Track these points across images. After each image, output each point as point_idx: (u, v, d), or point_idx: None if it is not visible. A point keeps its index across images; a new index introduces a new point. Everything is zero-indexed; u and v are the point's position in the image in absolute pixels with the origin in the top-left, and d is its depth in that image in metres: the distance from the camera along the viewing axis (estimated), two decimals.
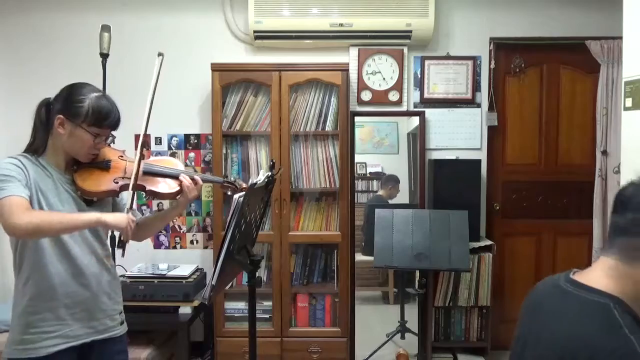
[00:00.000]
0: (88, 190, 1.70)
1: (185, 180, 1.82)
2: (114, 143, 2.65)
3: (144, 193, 1.85)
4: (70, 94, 1.67)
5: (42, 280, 1.63)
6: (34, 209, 1.59)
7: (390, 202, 3.83)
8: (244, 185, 1.96)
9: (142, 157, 1.76)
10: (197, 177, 1.87)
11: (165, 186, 1.84)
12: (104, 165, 1.75)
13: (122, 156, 1.83)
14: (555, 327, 1.08)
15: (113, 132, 1.77)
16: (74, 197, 1.70)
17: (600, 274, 1.08)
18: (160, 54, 1.81)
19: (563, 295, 1.10)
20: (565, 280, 1.13)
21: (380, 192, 3.88)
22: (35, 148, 1.68)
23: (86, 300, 1.70)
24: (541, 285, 1.20)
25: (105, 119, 1.68)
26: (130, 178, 1.73)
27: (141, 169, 1.77)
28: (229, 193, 1.98)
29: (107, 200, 1.83)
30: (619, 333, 0.96)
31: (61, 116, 1.64)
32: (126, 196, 1.84)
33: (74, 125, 1.65)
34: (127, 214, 1.66)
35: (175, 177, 1.84)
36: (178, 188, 1.83)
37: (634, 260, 1.05)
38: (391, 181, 3.84)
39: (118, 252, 1.67)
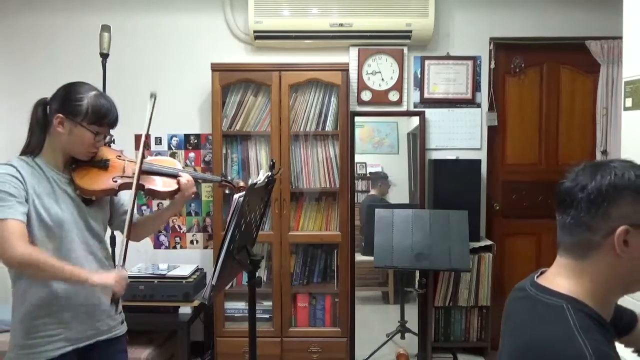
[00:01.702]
0: (87, 189, 1.70)
1: (183, 178, 1.82)
2: (114, 143, 2.66)
3: (143, 192, 1.86)
4: (69, 93, 1.67)
5: (42, 287, 1.62)
6: (29, 215, 1.58)
7: (384, 198, 3.82)
8: (242, 183, 1.96)
9: (143, 157, 1.76)
10: (194, 175, 1.87)
11: (164, 185, 1.84)
12: (103, 164, 1.76)
13: (120, 156, 1.83)
14: (519, 333, 1.07)
15: (112, 132, 1.77)
16: (72, 197, 1.69)
17: (557, 275, 1.07)
18: (152, 95, 1.78)
19: (527, 300, 1.09)
20: (530, 284, 1.12)
21: (373, 192, 3.88)
22: (32, 149, 1.68)
23: (87, 301, 1.70)
24: (515, 289, 1.19)
25: (104, 117, 1.68)
26: (129, 177, 1.74)
27: (139, 167, 1.77)
28: (227, 192, 1.99)
29: (105, 200, 1.82)
30: (571, 334, 0.95)
31: (60, 115, 1.64)
32: (123, 195, 1.84)
33: (73, 123, 1.64)
34: (119, 270, 1.64)
35: (173, 175, 1.85)
36: (176, 187, 1.84)
37: (586, 256, 1.03)
38: (379, 179, 3.84)
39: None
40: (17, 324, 1.65)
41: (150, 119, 1.78)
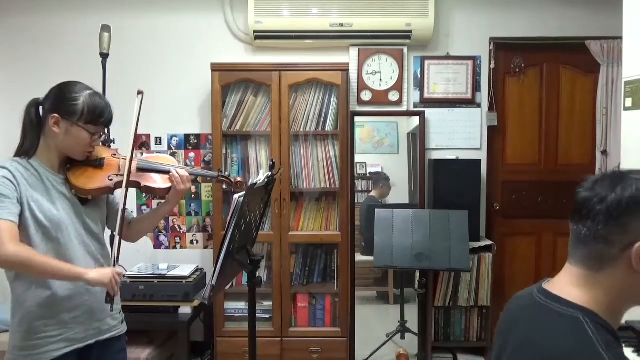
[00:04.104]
0: (82, 188, 1.70)
1: (175, 173, 1.80)
2: (113, 143, 2.66)
3: (139, 190, 1.84)
4: (63, 93, 1.65)
5: (43, 289, 1.62)
6: (25, 217, 1.58)
7: (383, 201, 3.82)
8: (239, 179, 1.95)
9: (133, 154, 1.75)
10: (191, 171, 1.86)
11: (160, 182, 1.83)
12: (98, 163, 1.75)
13: (115, 154, 1.82)
14: (530, 342, 1.04)
15: (112, 132, 1.77)
16: (68, 197, 1.69)
17: (569, 284, 1.05)
18: (139, 92, 1.78)
19: (536, 308, 1.07)
20: (538, 291, 1.10)
21: (373, 193, 3.87)
22: (26, 150, 1.67)
23: (87, 302, 1.70)
24: (517, 296, 1.17)
25: (100, 116, 1.67)
26: (124, 175, 1.73)
27: (134, 165, 1.76)
28: (225, 187, 1.98)
29: (101, 199, 1.82)
30: (594, 351, 0.93)
31: (56, 115, 1.63)
32: (120, 194, 1.83)
33: (69, 123, 1.64)
34: (114, 266, 1.64)
35: (168, 172, 1.83)
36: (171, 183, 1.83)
37: (600, 269, 1.02)
38: (381, 180, 3.84)
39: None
40: (16, 325, 1.64)
41: (139, 116, 1.77)
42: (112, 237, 2.76)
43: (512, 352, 1.09)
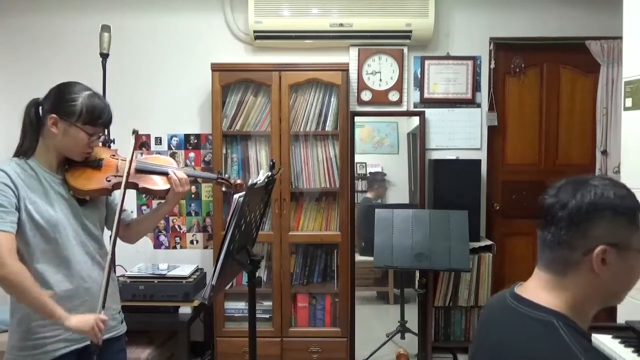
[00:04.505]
0: (80, 189, 1.69)
1: (173, 176, 1.79)
2: (113, 143, 2.66)
3: (138, 191, 1.84)
4: (62, 93, 1.65)
5: (42, 288, 1.60)
6: (22, 219, 1.57)
7: (380, 201, 3.81)
8: (239, 181, 1.94)
9: (132, 160, 1.75)
10: (189, 173, 1.85)
11: (159, 183, 1.82)
12: (96, 164, 1.75)
13: (114, 155, 1.82)
14: (505, 347, 1.05)
15: (111, 133, 1.76)
16: (66, 198, 1.68)
17: (539, 289, 1.07)
18: (134, 132, 1.77)
19: (509, 312, 1.09)
20: (510, 295, 1.12)
21: (368, 195, 3.86)
22: (25, 150, 1.66)
23: (86, 302, 1.69)
24: (491, 300, 1.18)
25: (99, 117, 1.66)
26: (122, 176, 1.72)
27: (133, 166, 1.76)
28: (224, 189, 1.97)
29: (100, 200, 1.81)
30: (572, 355, 0.94)
31: (54, 115, 1.63)
32: (118, 195, 1.83)
33: (67, 124, 1.63)
34: (99, 313, 1.61)
35: (167, 173, 1.82)
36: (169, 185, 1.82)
37: (565, 273, 1.04)
38: (375, 181, 3.83)
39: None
40: (15, 325, 1.64)
41: (133, 154, 1.75)
42: (111, 238, 2.78)
43: (487, 357, 1.10)
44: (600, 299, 1.06)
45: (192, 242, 3.60)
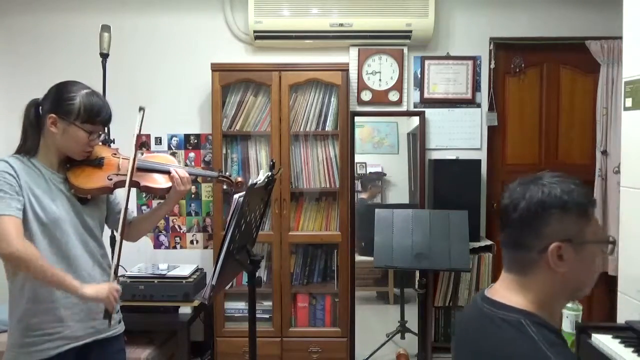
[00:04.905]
0: (82, 188, 1.70)
1: (175, 174, 1.80)
2: (113, 143, 2.66)
3: (139, 189, 1.84)
4: (60, 93, 1.65)
5: (39, 284, 1.61)
6: (26, 212, 1.58)
7: (374, 202, 3.80)
8: (240, 179, 1.95)
9: (135, 155, 1.75)
10: (191, 171, 1.86)
11: (160, 181, 1.82)
12: (97, 163, 1.75)
13: (115, 154, 1.82)
14: (481, 351, 1.07)
15: (111, 133, 1.76)
16: (67, 196, 1.69)
17: (506, 290, 1.09)
18: (141, 108, 1.77)
19: (480, 315, 1.10)
20: (481, 299, 1.13)
21: (363, 195, 3.86)
22: (28, 149, 1.67)
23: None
24: (465, 308, 1.20)
25: (97, 115, 1.66)
26: (124, 175, 1.73)
27: (135, 165, 1.76)
28: (225, 187, 1.97)
29: (101, 199, 1.82)
30: (538, 350, 0.96)
31: (53, 115, 1.63)
32: (119, 194, 1.83)
33: (66, 123, 1.63)
34: (112, 281, 1.63)
35: (168, 172, 1.83)
36: (171, 183, 1.82)
37: (526, 273, 1.06)
38: (369, 182, 3.83)
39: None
40: (15, 323, 1.65)
41: (140, 129, 1.77)
42: (111, 238, 2.78)
43: None
44: (565, 294, 1.07)
45: (192, 242, 3.60)
